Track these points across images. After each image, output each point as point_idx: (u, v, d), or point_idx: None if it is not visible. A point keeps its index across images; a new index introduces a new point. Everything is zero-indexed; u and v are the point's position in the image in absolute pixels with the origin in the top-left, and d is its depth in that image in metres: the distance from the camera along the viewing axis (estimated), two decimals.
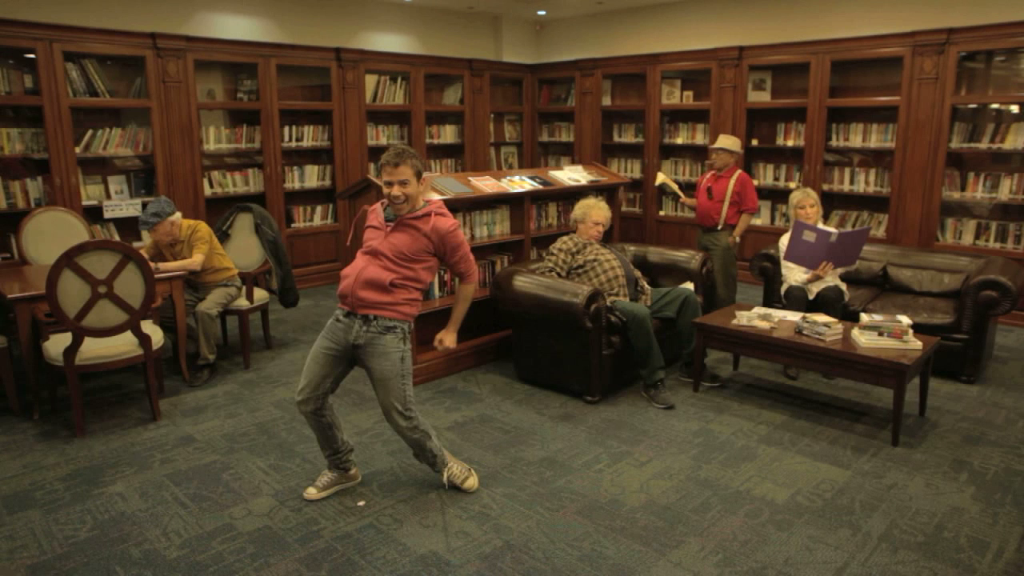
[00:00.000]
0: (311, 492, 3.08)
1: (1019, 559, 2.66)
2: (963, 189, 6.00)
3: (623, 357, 4.25)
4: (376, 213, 3.03)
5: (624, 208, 8.01)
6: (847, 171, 6.64)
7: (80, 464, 3.40)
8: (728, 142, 5.35)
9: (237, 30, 6.56)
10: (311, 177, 7.17)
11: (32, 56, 5.36)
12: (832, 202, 6.80)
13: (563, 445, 3.61)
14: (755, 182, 6.63)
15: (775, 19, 6.94)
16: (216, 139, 6.55)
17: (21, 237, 4.87)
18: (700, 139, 7.55)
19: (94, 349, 3.73)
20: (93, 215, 5.72)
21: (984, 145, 5.82)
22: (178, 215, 4.47)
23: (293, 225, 7.06)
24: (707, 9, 7.42)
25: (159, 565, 2.63)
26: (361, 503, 3.05)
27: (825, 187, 6.65)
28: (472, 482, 3.16)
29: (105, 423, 3.87)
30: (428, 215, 2.93)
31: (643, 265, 5.06)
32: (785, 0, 6.87)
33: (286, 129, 6.88)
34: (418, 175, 2.91)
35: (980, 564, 2.62)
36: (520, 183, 5.09)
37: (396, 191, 2.87)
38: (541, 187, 5.15)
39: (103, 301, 3.62)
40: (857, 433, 3.73)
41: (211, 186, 6.54)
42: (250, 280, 4.97)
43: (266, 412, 4.03)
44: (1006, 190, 5.78)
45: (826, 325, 3.87)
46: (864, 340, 3.73)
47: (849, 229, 5.05)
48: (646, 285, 4.57)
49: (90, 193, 5.85)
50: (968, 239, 6.02)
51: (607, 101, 8.33)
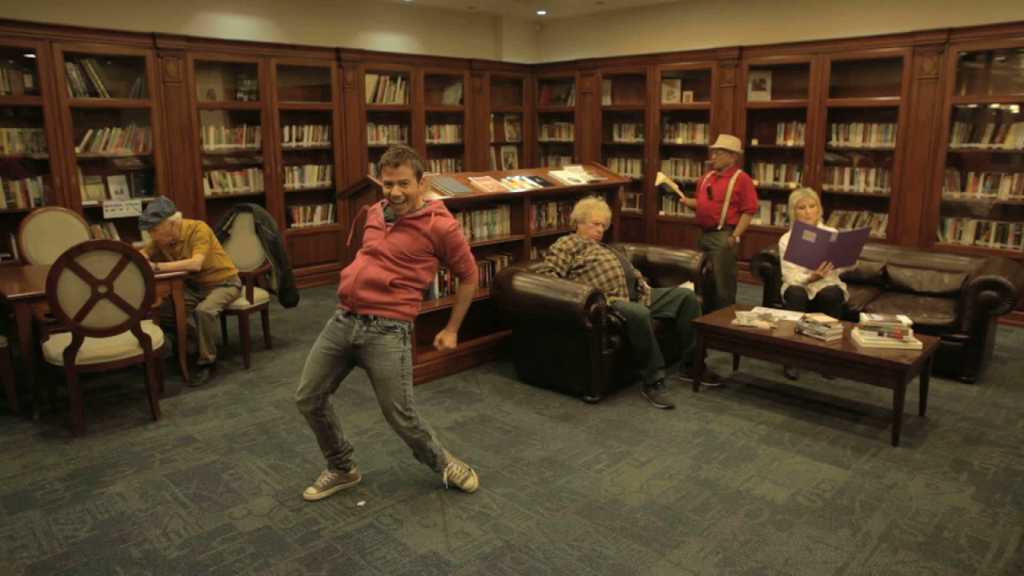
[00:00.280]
0: (311, 492, 3.08)
1: (1019, 559, 2.66)
2: (963, 189, 6.01)
3: (623, 357, 4.25)
4: (376, 213, 3.03)
5: (624, 208, 8.01)
6: (847, 171, 6.64)
7: (80, 464, 3.41)
8: (728, 142, 5.35)
9: (237, 30, 6.56)
10: (311, 177, 7.17)
11: (32, 56, 5.36)
12: (832, 202, 6.80)
13: (563, 445, 3.61)
14: (755, 182, 6.63)
15: (775, 19, 6.94)
16: (216, 139, 6.55)
17: (21, 237, 4.87)
18: (700, 139, 7.55)
19: (94, 349, 3.74)
20: (93, 215, 5.72)
21: (984, 145, 5.82)
22: (178, 215, 4.47)
23: (293, 225, 7.07)
24: (707, 9, 7.42)
25: (159, 565, 2.63)
26: (361, 503, 3.05)
27: (825, 187, 6.65)
28: (472, 482, 3.16)
29: (105, 423, 3.87)
30: (428, 215, 2.93)
31: (643, 265, 5.06)
32: (785, 0, 6.87)
33: (286, 129, 6.88)
34: (418, 175, 2.91)
35: (980, 564, 2.62)
36: (520, 183, 5.09)
37: (396, 191, 2.87)
38: (541, 187, 5.15)
39: (103, 301, 3.62)
40: (857, 433, 3.73)
41: (211, 186, 6.54)
42: (250, 280, 4.97)
43: (266, 412, 4.03)
44: (1006, 190, 5.78)
45: (826, 325, 3.87)
46: (864, 340, 3.73)
47: (849, 229, 5.05)
48: (646, 285, 4.57)
49: (90, 193, 5.85)
50: (968, 239, 6.02)
51: (607, 101, 8.33)
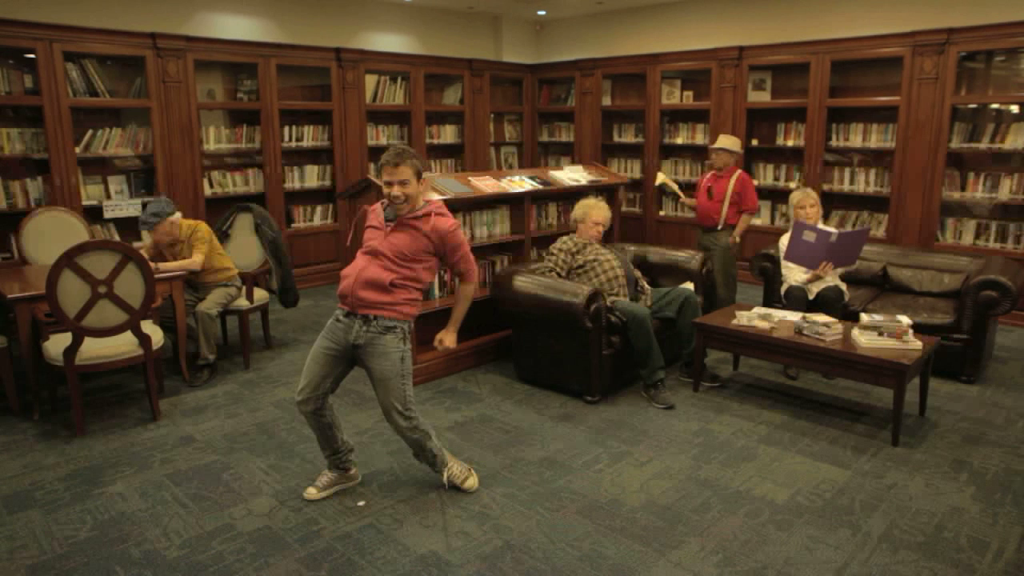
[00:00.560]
0: (311, 492, 3.08)
1: (1019, 559, 2.66)
2: (963, 189, 6.00)
3: (623, 357, 4.25)
4: (376, 213, 3.03)
5: (624, 208, 8.01)
6: (847, 171, 6.64)
7: (80, 464, 3.41)
8: (728, 142, 5.35)
9: (237, 30, 6.56)
10: (311, 177, 7.18)
11: (32, 56, 5.36)
12: (832, 202, 6.80)
13: (563, 445, 3.61)
14: (755, 182, 6.62)
15: (775, 19, 6.94)
16: (216, 139, 6.55)
17: (21, 237, 4.87)
18: (700, 139, 7.55)
19: (94, 349, 3.73)
20: (93, 215, 5.72)
21: (984, 145, 5.82)
22: (178, 215, 4.47)
23: (293, 225, 7.07)
24: (707, 9, 7.42)
25: (159, 565, 2.63)
26: (361, 503, 3.05)
27: (825, 187, 6.65)
28: (472, 482, 3.16)
29: (105, 423, 3.87)
30: (428, 215, 2.93)
31: (643, 265, 5.05)
32: (785, 0, 6.88)
33: (286, 129, 6.89)
34: (418, 175, 2.91)
35: (980, 564, 2.62)
36: (520, 183, 5.09)
37: (396, 191, 2.87)
38: (541, 187, 5.15)
39: (103, 301, 3.62)
40: (857, 433, 3.73)
41: (211, 186, 6.54)
42: (250, 280, 4.97)
43: (266, 412, 4.03)
44: (1006, 190, 5.78)
45: (826, 325, 3.87)
46: (864, 340, 3.73)
47: (849, 229, 5.05)
48: (646, 285, 4.58)
49: (90, 193, 5.85)
50: (968, 239, 6.02)
51: (607, 101, 8.33)
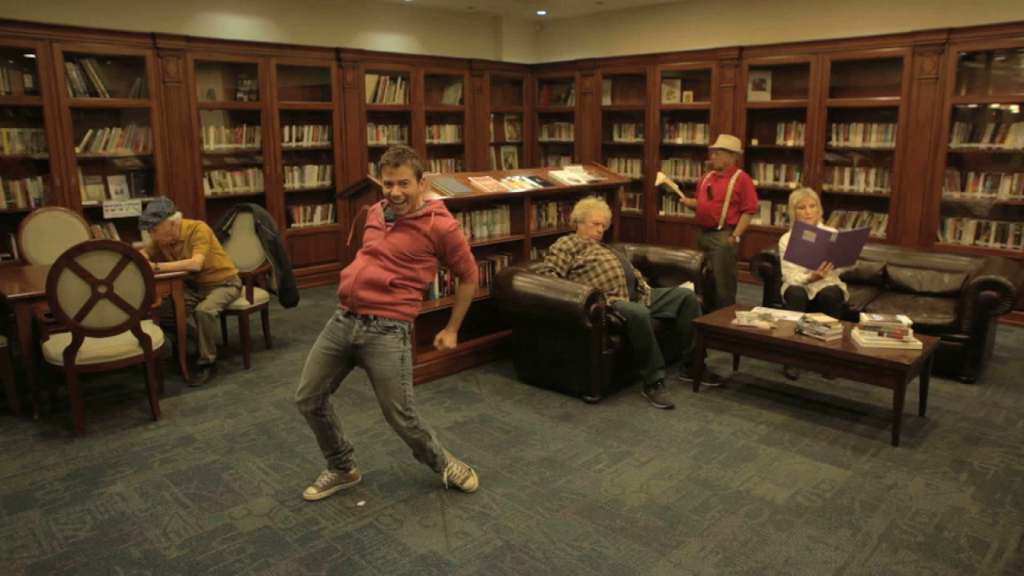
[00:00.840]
0: (311, 492, 3.08)
1: (1019, 559, 2.66)
2: (963, 189, 6.00)
3: (623, 357, 4.25)
4: (376, 213, 3.03)
5: (624, 208, 8.01)
6: (847, 171, 6.64)
7: (80, 464, 3.41)
8: (728, 142, 5.35)
9: (237, 30, 6.56)
10: (311, 177, 7.17)
11: (32, 56, 5.36)
12: (832, 202, 6.80)
13: (563, 445, 3.61)
14: (755, 182, 6.63)
15: (775, 19, 6.94)
16: (216, 139, 6.55)
17: (21, 237, 4.87)
18: (700, 139, 7.55)
19: (94, 349, 3.73)
20: (93, 215, 5.72)
21: (984, 145, 5.82)
22: (178, 215, 4.47)
23: (293, 225, 7.07)
24: (707, 9, 7.42)
25: (159, 565, 2.63)
26: (361, 503, 3.05)
27: (825, 187, 6.65)
28: (472, 482, 3.16)
29: (105, 423, 3.87)
30: (428, 215, 2.93)
31: (643, 265, 5.06)
32: (785, 0, 6.88)
33: (286, 129, 6.88)
34: (418, 175, 2.91)
35: (980, 564, 2.62)
36: (520, 183, 5.09)
37: (396, 191, 2.87)
38: (541, 187, 5.15)
39: (103, 301, 3.62)
40: (857, 433, 3.73)
41: (211, 186, 6.54)
42: (250, 280, 4.97)
43: (266, 412, 4.03)
44: (1006, 190, 5.78)
45: (826, 325, 3.87)
46: (864, 340, 3.73)
47: (849, 229, 5.05)
48: (646, 285, 4.58)
49: (90, 193, 5.85)
50: (968, 239, 6.02)
51: (607, 101, 8.33)
